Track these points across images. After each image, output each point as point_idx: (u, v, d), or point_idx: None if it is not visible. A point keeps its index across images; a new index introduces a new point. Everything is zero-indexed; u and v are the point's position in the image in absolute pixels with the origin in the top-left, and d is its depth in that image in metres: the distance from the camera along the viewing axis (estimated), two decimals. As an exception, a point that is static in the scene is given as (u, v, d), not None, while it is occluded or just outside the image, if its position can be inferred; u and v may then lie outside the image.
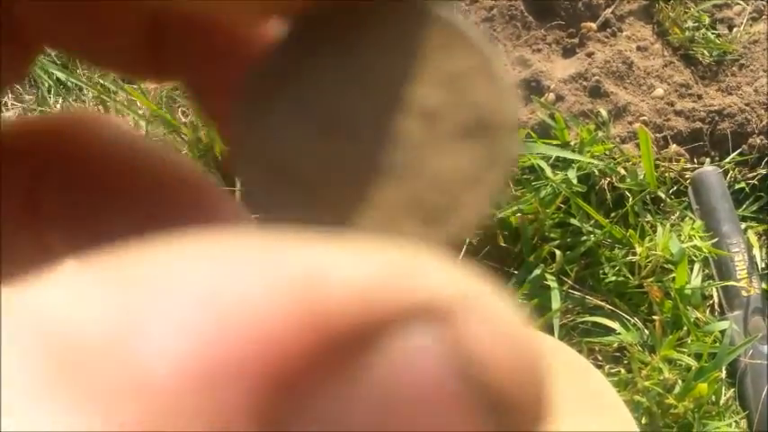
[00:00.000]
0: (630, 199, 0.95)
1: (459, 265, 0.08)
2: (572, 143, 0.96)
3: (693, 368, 0.84)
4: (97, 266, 0.08)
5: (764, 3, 1.10)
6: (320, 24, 0.12)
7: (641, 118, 1.01)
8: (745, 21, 1.09)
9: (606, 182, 0.95)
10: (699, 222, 0.95)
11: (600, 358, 0.89)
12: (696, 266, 0.92)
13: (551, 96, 1.02)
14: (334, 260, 0.08)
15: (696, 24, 1.08)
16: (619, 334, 0.88)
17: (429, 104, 0.12)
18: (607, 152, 0.96)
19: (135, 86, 0.96)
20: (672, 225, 0.94)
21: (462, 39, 0.12)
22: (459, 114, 0.12)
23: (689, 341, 0.87)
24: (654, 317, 0.88)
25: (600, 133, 0.97)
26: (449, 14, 0.12)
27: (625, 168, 0.96)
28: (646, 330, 0.89)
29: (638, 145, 0.96)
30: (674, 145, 1.01)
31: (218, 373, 0.07)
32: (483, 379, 0.08)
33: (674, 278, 0.89)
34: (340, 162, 0.12)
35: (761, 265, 0.95)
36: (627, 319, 0.89)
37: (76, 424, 0.07)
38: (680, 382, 0.84)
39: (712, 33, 1.08)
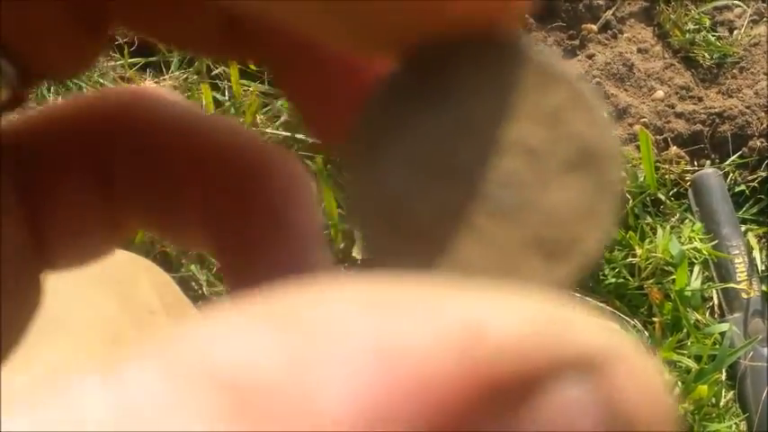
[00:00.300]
0: (631, 201, 0.94)
1: (603, 319, 0.09)
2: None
3: (693, 370, 0.84)
4: (264, 310, 0.09)
5: (765, 5, 1.10)
6: (423, 65, 0.12)
7: (642, 120, 1.01)
8: (745, 23, 1.09)
9: (606, 183, 0.95)
10: (699, 224, 0.95)
11: (599, 360, 0.89)
12: (696, 268, 0.92)
13: (552, 98, 1.01)
14: (491, 311, 0.09)
15: (697, 27, 1.08)
16: (618, 336, 0.88)
17: (532, 142, 0.12)
18: (607, 154, 0.96)
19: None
20: (672, 227, 0.94)
21: (554, 74, 0.12)
22: (562, 148, 0.12)
23: (689, 343, 0.87)
24: (654, 319, 0.88)
25: (600, 135, 0.97)
26: (539, 53, 0.12)
27: (625, 170, 0.96)
28: (646, 332, 0.89)
29: (638, 147, 0.96)
30: (675, 147, 1.01)
31: (390, 417, 0.08)
32: (627, 428, 0.09)
33: (673, 280, 0.89)
34: (453, 206, 0.12)
35: (761, 267, 0.95)
36: (627, 320, 0.89)
37: None
38: (680, 384, 0.84)
39: (713, 36, 1.08)
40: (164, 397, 0.08)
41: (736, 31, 1.09)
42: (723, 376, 0.87)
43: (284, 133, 0.93)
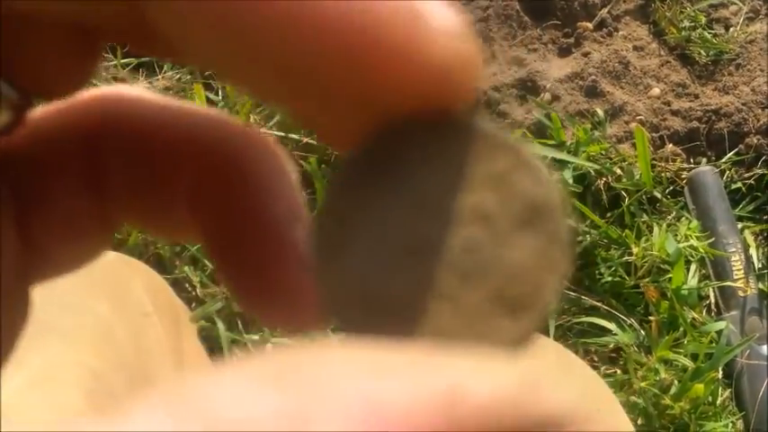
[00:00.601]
0: (627, 199, 0.94)
1: (570, 383, 0.10)
2: (568, 143, 0.95)
3: (690, 369, 0.84)
4: (267, 368, 0.10)
5: (761, 2, 1.10)
6: (380, 148, 0.13)
7: (638, 117, 1.01)
8: (741, 20, 1.09)
9: (602, 182, 0.95)
10: (695, 222, 0.94)
11: (596, 359, 0.89)
12: (692, 267, 0.92)
13: (547, 96, 1.01)
14: (470, 376, 0.10)
15: (692, 24, 1.08)
16: (615, 335, 0.88)
17: (485, 206, 0.13)
18: (603, 152, 0.95)
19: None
20: (668, 225, 0.94)
21: (499, 143, 0.13)
22: (512, 208, 0.13)
23: (685, 342, 0.87)
24: (650, 317, 0.88)
25: (596, 133, 0.97)
26: (486, 126, 0.13)
27: (621, 168, 0.95)
28: (642, 331, 0.88)
29: (634, 145, 0.96)
30: (671, 144, 1.01)
31: None
32: None
33: (670, 278, 0.89)
34: (420, 279, 0.13)
35: (757, 265, 0.95)
36: (623, 319, 0.89)
37: None
38: (676, 382, 0.84)
39: (709, 33, 1.08)
40: None
41: (732, 29, 1.09)
42: (720, 375, 0.86)
43: (278, 133, 0.93)
